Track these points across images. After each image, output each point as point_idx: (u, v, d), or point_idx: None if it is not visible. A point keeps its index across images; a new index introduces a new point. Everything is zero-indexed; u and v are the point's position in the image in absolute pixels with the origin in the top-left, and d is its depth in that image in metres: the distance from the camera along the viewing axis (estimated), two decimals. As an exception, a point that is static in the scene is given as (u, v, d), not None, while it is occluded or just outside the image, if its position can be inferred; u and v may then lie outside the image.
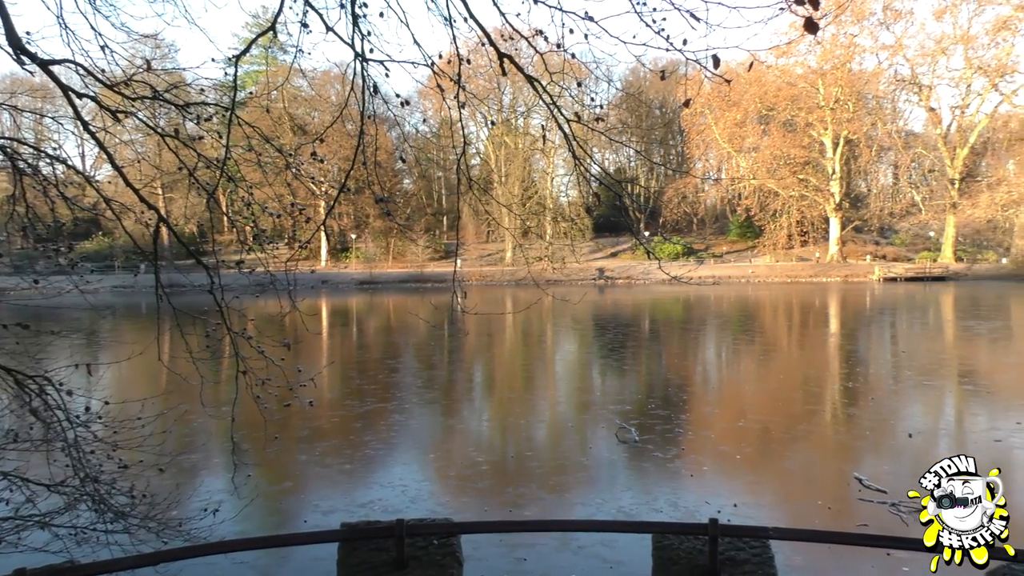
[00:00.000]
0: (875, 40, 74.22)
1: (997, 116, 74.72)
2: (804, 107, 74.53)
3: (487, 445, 12.25)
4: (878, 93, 77.48)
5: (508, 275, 69.89)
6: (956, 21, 72.15)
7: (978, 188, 73.27)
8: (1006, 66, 70.95)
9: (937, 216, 75.78)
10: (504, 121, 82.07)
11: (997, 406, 14.74)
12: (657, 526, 6.36)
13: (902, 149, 77.11)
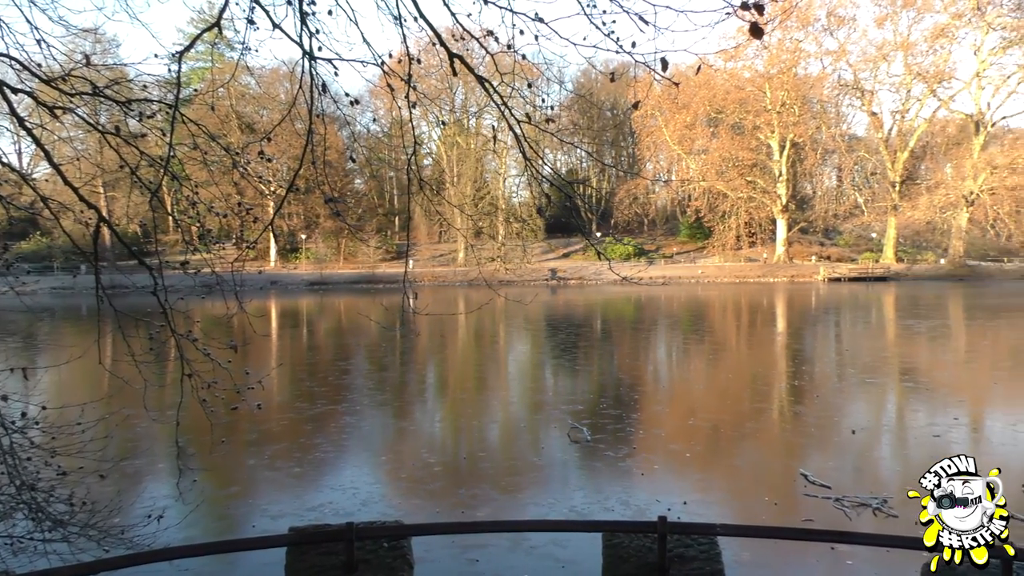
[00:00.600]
0: (819, 46, 76.09)
1: (935, 121, 77.16)
2: (752, 110, 75.93)
3: (439, 446, 12.20)
4: (823, 97, 79.34)
5: (461, 276, 69.76)
6: (896, 28, 74.31)
7: (918, 191, 75.56)
8: (943, 72, 73.30)
9: (879, 218, 77.91)
10: (456, 121, 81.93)
11: (936, 402, 15.20)
12: (607, 525, 6.41)
13: (845, 152, 79.11)
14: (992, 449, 11.46)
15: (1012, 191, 67.29)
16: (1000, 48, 71.75)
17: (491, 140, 78.75)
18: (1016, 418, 13.62)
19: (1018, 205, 68.19)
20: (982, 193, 68.78)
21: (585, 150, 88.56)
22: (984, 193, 68.73)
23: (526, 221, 79.32)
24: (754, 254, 79.34)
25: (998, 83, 72.81)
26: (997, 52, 71.94)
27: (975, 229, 73.33)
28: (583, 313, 40.68)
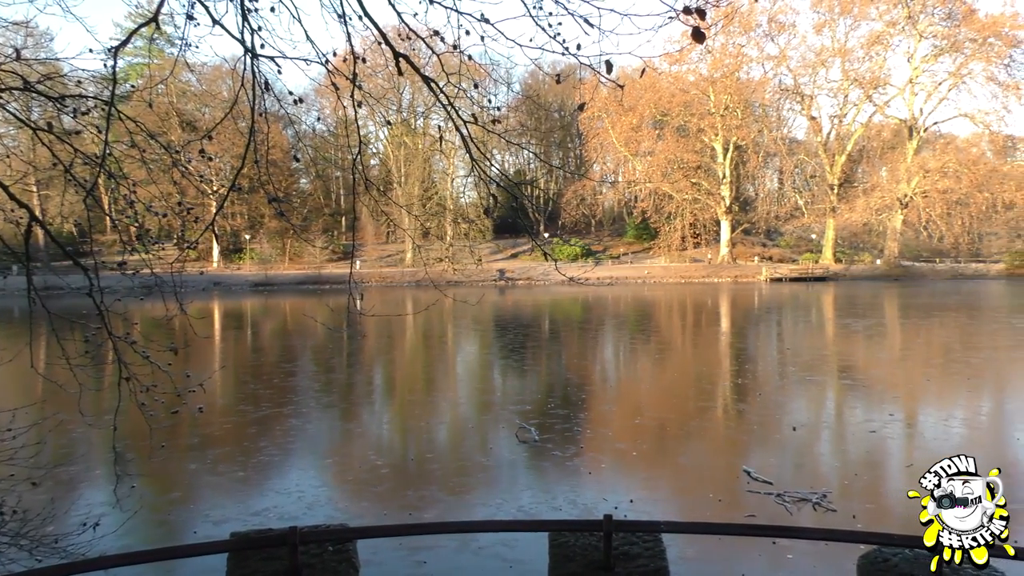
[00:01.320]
0: (761, 51, 77.78)
1: (871, 125, 79.60)
2: (696, 113, 77.19)
3: (387, 448, 12.11)
4: (764, 101, 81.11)
5: (409, 276, 69.38)
6: (834, 35, 76.43)
7: (855, 193, 77.81)
8: (879, 78, 75.67)
9: (818, 219, 79.94)
10: (403, 121, 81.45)
11: (872, 399, 15.66)
12: (554, 524, 6.44)
13: (786, 155, 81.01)
14: (925, 444, 11.85)
15: (943, 194, 69.78)
16: (932, 56, 74.34)
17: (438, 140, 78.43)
18: (947, 414, 14.12)
19: (949, 208, 70.76)
20: (915, 196, 71.14)
21: (532, 151, 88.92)
22: (917, 196, 71.11)
23: (474, 222, 79.30)
24: (699, 255, 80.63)
25: (930, 89, 75.42)
26: (929, 59, 74.53)
27: (909, 231, 75.84)
28: (531, 313, 40.82)
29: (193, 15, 4.45)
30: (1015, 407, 15.21)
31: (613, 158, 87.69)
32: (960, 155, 71.42)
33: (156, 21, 4.65)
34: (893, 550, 5.57)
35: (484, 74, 6.20)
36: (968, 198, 69.65)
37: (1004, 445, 11.67)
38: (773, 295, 52.22)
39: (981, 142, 74.31)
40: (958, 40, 71.72)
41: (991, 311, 38.30)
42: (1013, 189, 68.77)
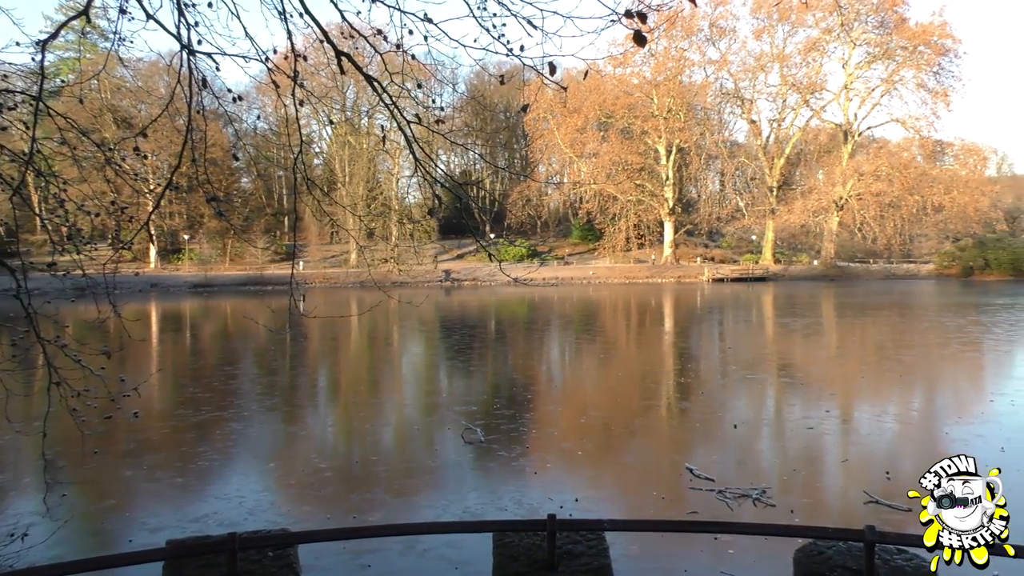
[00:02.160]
0: (703, 55, 79.26)
1: (809, 129, 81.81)
2: (640, 116, 78.18)
3: (331, 451, 11.96)
4: (706, 105, 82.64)
5: (353, 277, 68.69)
6: (773, 41, 78.33)
7: (793, 195, 79.82)
8: (816, 84, 77.79)
9: (758, 221, 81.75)
10: (347, 120, 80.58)
11: (810, 396, 16.06)
12: (498, 524, 6.44)
13: (727, 158, 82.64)
14: (860, 439, 12.21)
15: (877, 197, 72.05)
16: (865, 62, 76.75)
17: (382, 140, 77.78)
18: (881, 409, 14.57)
19: (882, 210, 73.10)
20: (850, 198, 73.29)
21: (477, 152, 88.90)
22: (852, 198, 73.26)
23: (419, 222, 78.89)
24: (643, 255, 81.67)
25: (864, 95, 77.87)
26: (863, 66, 76.92)
27: (844, 232, 78.06)
28: (477, 314, 40.80)
29: (126, 9, 4.32)
30: (944, 403, 15.77)
31: (558, 159, 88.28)
32: (892, 159, 73.82)
33: (87, 14, 4.50)
34: (827, 543, 5.72)
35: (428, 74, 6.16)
36: (900, 201, 72.04)
37: (934, 440, 12.08)
38: (715, 295, 53.19)
39: (912, 147, 76.91)
40: (890, 48, 74.18)
41: (921, 310, 39.67)
42: (942, 192, 71.34)
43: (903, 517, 8.18)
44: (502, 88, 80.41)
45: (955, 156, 78.33)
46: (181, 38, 4.33)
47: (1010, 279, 65.50)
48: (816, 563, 5.54)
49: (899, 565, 5.36)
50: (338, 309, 41.10)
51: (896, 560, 5.41)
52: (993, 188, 78.60)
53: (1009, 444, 11.10)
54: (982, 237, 71.49)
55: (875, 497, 8.74)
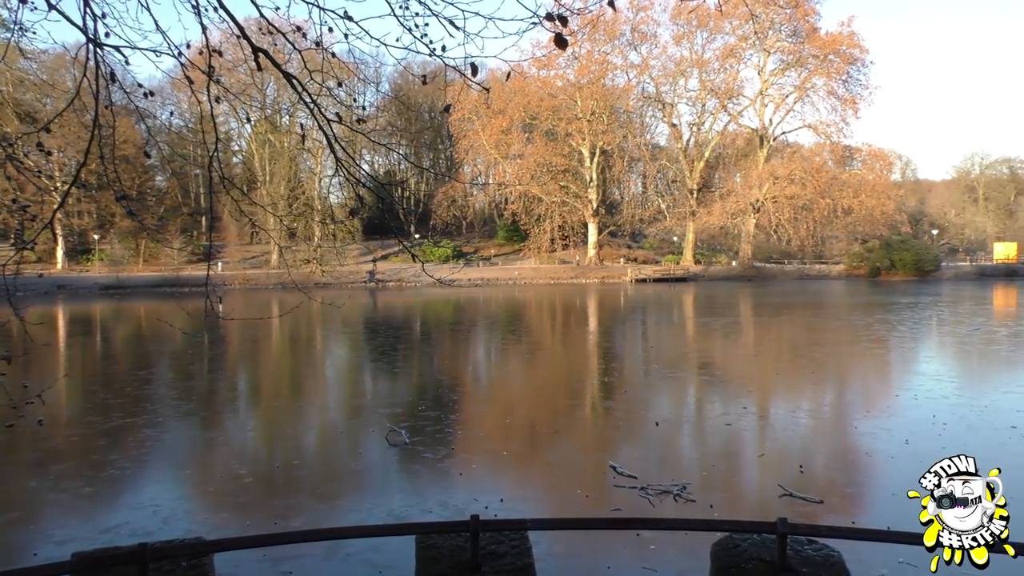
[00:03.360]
0: (625, 59, 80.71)
1: (727, 134, 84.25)
2: (564, 118, 79.01)
3: (251, 456, 11.66)
4: (629, 108, 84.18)
5: (275, 278, 67.22)
6: (692, 47, 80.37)
7: (712, 198, 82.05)
8: (733, 89, 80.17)
9: (679, 222, 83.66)
10: (267, 118, 78.85)
11: (729, 393, 16.51)
12: (421, 527, 6.40)
13: (649, 161, 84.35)
14: (775, 435, 12.61)
15: (791, 199, 74.67)
16: (779, 70, 79.50)
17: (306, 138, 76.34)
18: (795, 405, 15.09)
19: (796, 213, 75.80)
20: (766, 201, 75.72)
21: (399, 152, 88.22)
22: (768, 201, 75.71)
23: (343, 222, 77.79)
24: (568, 256, 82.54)
25: (778, 101, 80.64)
26: (777, 73, 79.65)
27: (761, 234, 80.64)
28: (402, 315, 40.49)
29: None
30: (854, 398, 16.43)
31: (484, 160, 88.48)
32: (805, 163, 76.64)
33: (-15, 2, 4.27)
34: (743, 536, 5.89)
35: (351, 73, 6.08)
36: (812, 204, 74.82)
37: (844, 433, 12.58)
38: (638, 295, 54.15)
39: (823, 151, 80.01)
40: (802, 56, 77.03)
41: (833, 309, 41.29)
42: (851, 196, 74.41)
43: (815, 509, 8.49)
44: (427, 88, 79.97)
45: (863, 161, 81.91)
46: (87, 30, 4.15)
47: (913, 279, 68.75)
48: (732, 555, 5.70)
49: (809, 555, 5.56)
50: (259, 311, 40.18)
51: (807, 550, 5.61)
52: (898, 192, 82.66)
53: (913, 436, 11.64)
54: (888, 239, 74.81)
55: (789, 490, 9.04)
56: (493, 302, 48.30)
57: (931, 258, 73.21)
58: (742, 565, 5.56)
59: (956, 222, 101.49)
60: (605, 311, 42.25)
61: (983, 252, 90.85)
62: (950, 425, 12.41)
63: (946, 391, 15.67)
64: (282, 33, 4.57)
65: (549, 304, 47.37)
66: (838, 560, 5.60)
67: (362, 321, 36.12)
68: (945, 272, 73.06)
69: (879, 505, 8.86)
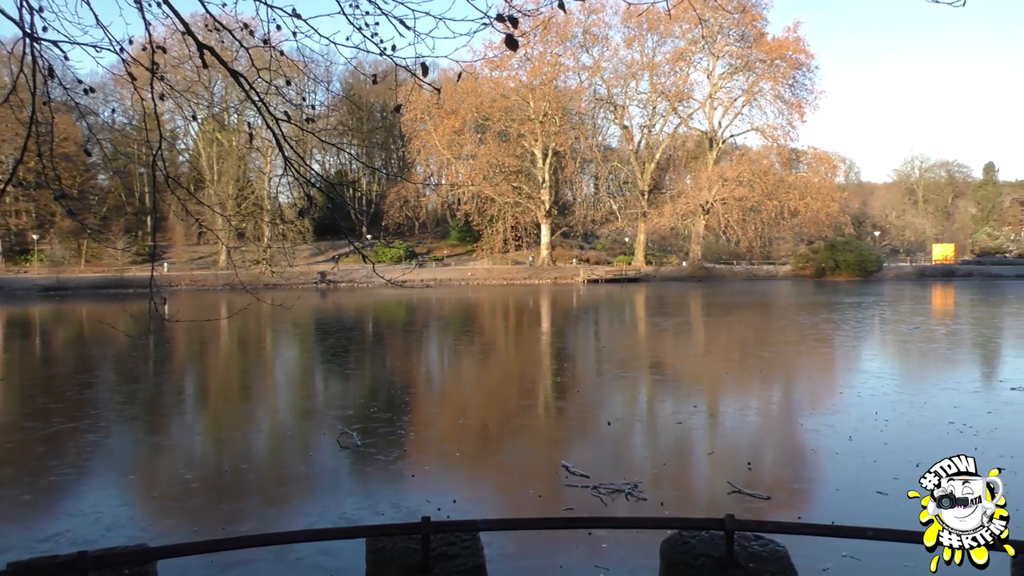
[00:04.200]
0: (577, 61, 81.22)
1: (677, 136, 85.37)
2: (516, 119, 79.17)
3: (198, 461, 11.43)
4: (581, 109, 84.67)
5: (223, 279, 65.99)
6: (643, 50, 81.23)
7: (663, 199, 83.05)
8: (683, 92, 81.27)
9: (631, 223, 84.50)
10: (215, 116, 77.39)
11: (680, 392, 16.73)
12: (371, 529, 6.34)
13: (601, 162, 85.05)
14: (725, 433, 12.82)
15: (739, 201, 76.02)
16: (728, 74, 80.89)
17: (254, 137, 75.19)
18: (743, 404, 15.37)
19: (744, 214, 77.20)
20: (715, 203, 76.95)
21: (350, 152, 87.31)
22: (717, 203, 76.95)
23: (293, 223, 76.80)
24: (520, 257, 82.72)
25: (727, 104, 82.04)
26: (726, 77, 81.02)
27: (710, 235, 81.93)
28: (354, 316, 40.13)
29: (-40, -10, 3.97)
30: (800, 396, 16.80)
31: (436, 160, 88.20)
32: (753, 166, 78.10)
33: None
34: (691, 533, 5.98)
35: (300, 71, 6.00)
36: (760, 205, 76.25)
37: (791, 431, 12.85)
38: (590, 296, 54.53)
39: (771, 154, 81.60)
40: (750, 60, 78.47)
41: (780, 309, 42.15)
42: (797, 198, 76.02)
43: (763, 505, 8.66)
44: (378, 88, 79.39)
45: (809, 164, 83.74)
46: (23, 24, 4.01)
47: (857, 279, 70.50)
48: (681, 552, 5.77)
49: (756, 551, 5.66)
50: (206, 313, 39.40)
51: (753, 546, 5.71)
52: (842, 194, 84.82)
53: (856, 433, 11.94)
54: (832, 240, 76.61)
55: (738, 487, 9.20)
56: (446, 303, 48.17)
57: (873, 259, 75.13)
58: (691, 562, 5.64)
59: (897, 224, 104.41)
60: (558, 311, 42.45)
61: (922, 253, 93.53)
62: (891, 421, 12.76)
63: (887, 388, 16.11)
64: (229, 30, 4.49)
65: (502, 305, 47.42)
66: (783, 555, 5.71)
67: (313, 322, 35.70)
68: (887, 272, 75.07)
69: (824, 500, 9.07)
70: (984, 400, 14.72)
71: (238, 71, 4.70)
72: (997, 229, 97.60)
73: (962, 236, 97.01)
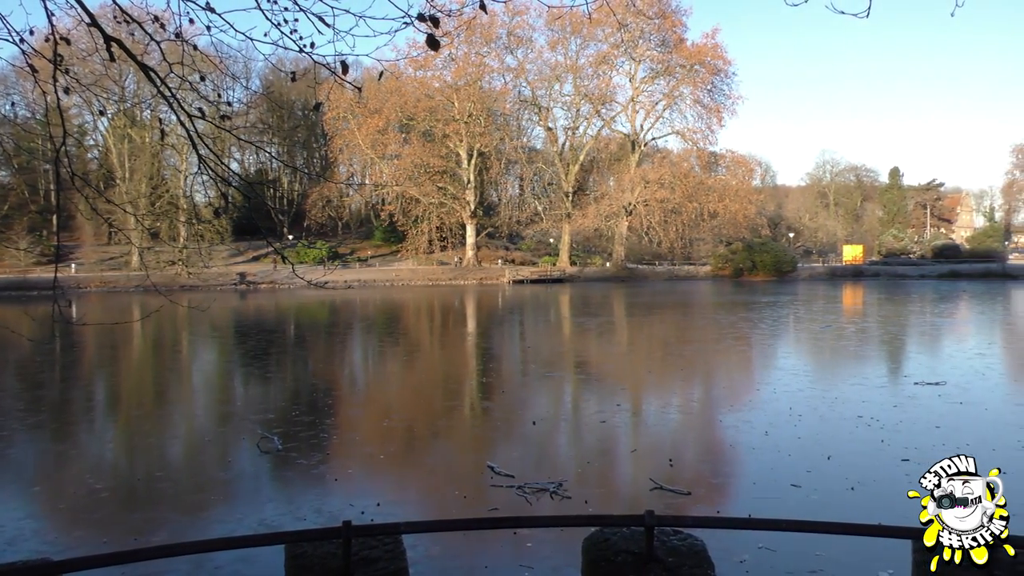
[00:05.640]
0: (502, 62, 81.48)
1: (600, 138, 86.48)
2: (441, 119, 78.86)
3: (109, 470, 10.98)
4: (505, 111, 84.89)
5: (136, 281, 63.61)
6: (567, 52, 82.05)
7: (587, 201, 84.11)
8: (606, 95, 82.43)
9: (556, 224, 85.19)
10: (126, 112, 74.51)
11: (604, 391, 16.97)
12: (290, 535, 6.21)
13: (526, 163, 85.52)
14: (647, 430, 13.07)
15: (661, 203, 77.60)
16: (649, 78, 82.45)
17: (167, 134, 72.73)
18: (665, 402, 15.70)
19: (665, 216, 78.85)
20: (638, 204, 78.34)
21: (268, 151, 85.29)
22: (639, 204, 78.35)
23: (210, 222, 74.60)
24: (446, 257, 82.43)
25: (648, 108, 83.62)
26: (647, 81, 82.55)
27: (633, 236, 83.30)
28: (275, 318, 39.28)
29: None
30: (719, 393, 17.25)
31: (360, 160, 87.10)
32: (674, 168, 79.82)
33: None
34: (612, 530, 6.07)
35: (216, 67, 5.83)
36: (681, 207, 77.99)
37: (711, 427, 13.18)
38: (516, 296, 54.77)
39: (691, 157, 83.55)
40: (671, 65, 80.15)
41: (700, 308, 43.22)
42: (716, 200, 78.07)
43: (683, 500, 8.85)
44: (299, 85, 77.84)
45: (727, 167, 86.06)
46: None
47: (773, 279, 72.83)
48: (602, 549, 5.85)
49: (675, 545, 5.79)
50: (118, 315, 37.89)
51: (672, 541, 5.84)
52: (758, 197, 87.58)
53: (772, 428, 12.34)
54: (750, 241, 78.94)
55: (659, 483, 9.38)
56: (370, 304, 47.62)
57: (788, 259, 77.76)
58: (611, 558, 5.72)
59: (810, 226, 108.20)
60: (483, 312, 42.50)
61: (834, 254, 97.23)
62: (805, 416, 13.24)
63: (801, 385, 16.70)
64: (138, 23, 4.33)
65: (427, 305, 47.19)
66: (701, 548, 5.86)
67: (232, 325, 34.79)
68: (801, 272, 77.77)
69: (742, 494, 9.33)
70: (890, 395, 15.41)
71: (149, 65, 4.53)
72: (902, 231, 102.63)
73: (870, 238, 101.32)
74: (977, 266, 78.83)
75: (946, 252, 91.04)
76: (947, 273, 74.76)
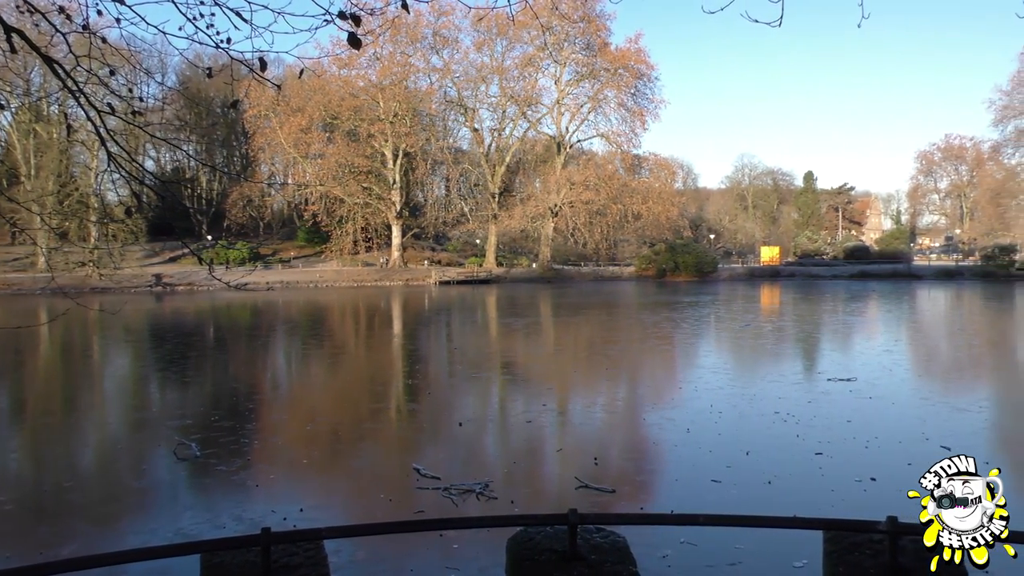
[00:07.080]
0: (427, 62, 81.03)
1: (526, 140, 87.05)
2: (366, 118, 77.92)
3: (13, 480, 10.45)
4: (431, 111, 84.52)
5: (43, 282, 60.74)
6: (493, 54, 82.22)
7: (513, 202, 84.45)
8: (532, 97, 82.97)
9: (482, 225, 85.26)
10: (31, 106, 71.12)
11: (530, 392, 17.05)
12: (207, 544, 6.03)
13: (452, 164, 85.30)
14: (573, 430, 13.20)
15: (586, 205, 78.58)
16: (574, 80, 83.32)
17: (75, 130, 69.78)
18: (590, 401, 15.90)
19: (590, 217, 79.91)
20: (563, 206, 79.10)
21: (184, 149, 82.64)
22: (565, 206, 79.12)
23: (124, 222, 71.73)
24: (371, 258, 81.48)
25: (574, 110, 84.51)
26: (572, 83, 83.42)
27: (559, 237, 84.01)
28: (193, 321, 38.12)
29: None
30: (643, 392, 17.57)
31: (282, 159, 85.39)
32: (599, 170, 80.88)
33: None
34: (537, 529, 6.11)
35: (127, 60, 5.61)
36: (605, 209, 79.15)
37: (635, 425, 13.41)
38: (442, 297, 54.57)
39: (615, 160, 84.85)
40: (595, 69, 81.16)
41: (625, 308, 43.91)
42: (640, 202, 79.49)
43: (608, 498, 8.98)
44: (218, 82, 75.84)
45: (650, 170, 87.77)
46: None
47: (695, 279, 74.56)
48: (526, 548, 5.89)
49: (598, 542, 5.87)
50: (22, 318, 36.13)
51: (595, 538, 5.92)
52: (680, 199, 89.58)
53: (693, 425, 12.63)
54: (672, 243, 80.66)
55: (584, 482, 9.48)
56: (293, 306, 46.70)
57: (709, 260, 79.74)
58: (536, 557, 5.76)
59: (730, 227, 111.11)
60: (409, 313, 42.20)
61: (752, 255, 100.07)
62: (725, 413, 13.60)
63: (721, 382, 17.15)
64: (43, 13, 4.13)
65: (352, 307, 46.57)
66: (623, 545, 5.95)
67: (147, 328, 33.62)
68: (721, 273, 79.84)
69: (665, 491, 9.52)
70: (805, 391, 15.97)
71: (55, 58, 4.33)
72: (816, 233, 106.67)
73: (786, 239, 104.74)
74: (885, 266, 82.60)
75: (857, 253, 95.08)
76: (857, 273, 78.02)
